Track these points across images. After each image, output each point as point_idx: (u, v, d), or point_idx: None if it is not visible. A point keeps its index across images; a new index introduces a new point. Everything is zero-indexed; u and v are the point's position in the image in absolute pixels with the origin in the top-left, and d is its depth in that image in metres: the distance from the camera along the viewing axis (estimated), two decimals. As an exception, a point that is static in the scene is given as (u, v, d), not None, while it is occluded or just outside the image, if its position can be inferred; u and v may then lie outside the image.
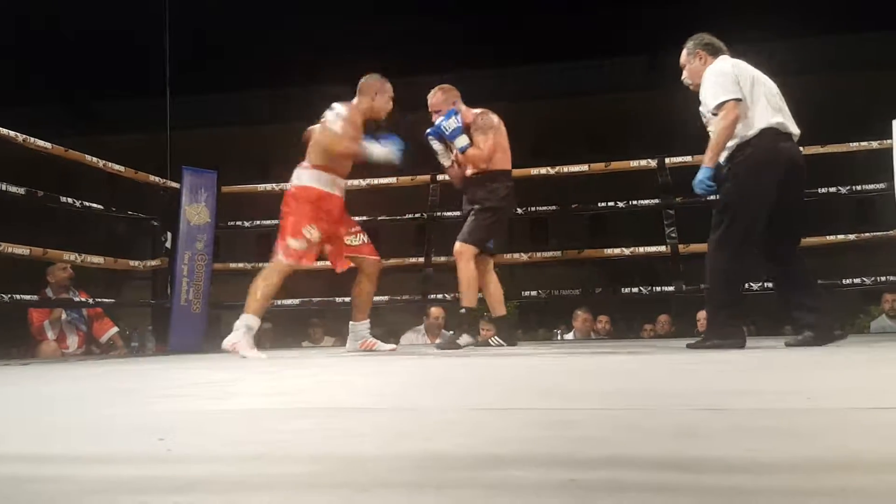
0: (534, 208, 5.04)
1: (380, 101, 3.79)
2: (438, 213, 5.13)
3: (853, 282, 4.59)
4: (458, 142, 3.92)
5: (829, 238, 4.62)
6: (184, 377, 2.66)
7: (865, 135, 4.76)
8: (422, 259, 5.10)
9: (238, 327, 3.53)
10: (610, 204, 5.24)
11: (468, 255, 3.91)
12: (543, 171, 5.05)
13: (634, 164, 4.98)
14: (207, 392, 2.04)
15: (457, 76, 3.95)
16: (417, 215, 5.27)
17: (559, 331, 7.36)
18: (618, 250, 5.17)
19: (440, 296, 5.29)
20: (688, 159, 4.84)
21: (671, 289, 4.79)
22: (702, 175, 3.20)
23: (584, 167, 5.23)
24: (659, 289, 4.92)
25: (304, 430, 1.27)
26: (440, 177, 5.07)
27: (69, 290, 5.35)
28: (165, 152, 5.95)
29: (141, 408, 1.71)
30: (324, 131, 3.72)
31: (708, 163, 3.20)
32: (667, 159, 4.84)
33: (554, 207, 5.19)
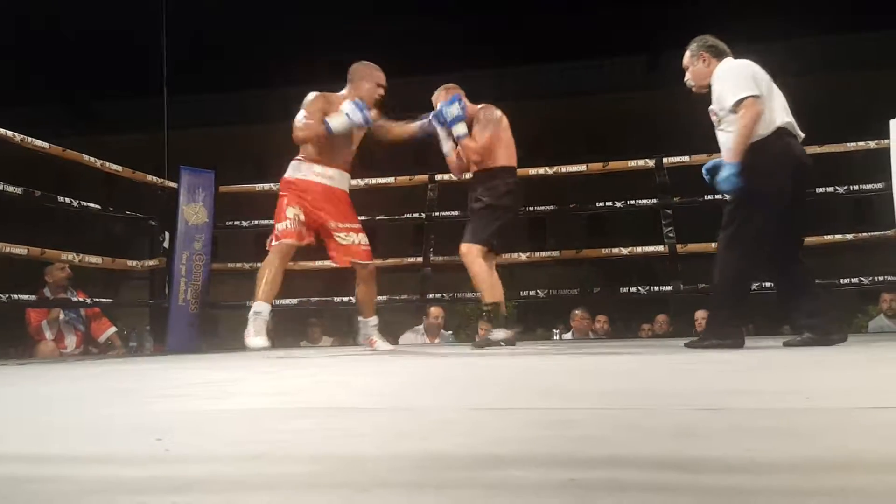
0: (532, 208, 5.04)
1: (364, 88, 3.78)
2: (437, 213, 5.13)
3: (851, 281, 4.60)
4: (456, 129, 3.86)
5: (826, 238, 4.62)
6: (182, 377, 2.66)
7: (863, 135, 4.77)
8: (420, 259, 5.10)
9: (249, 316, 3.60)
10: (608, 204, 5.24)
11: (474, 254, 3.82)
12: (542, 170, 5.05)
13: (632, 164, 4.99)
14: (206, 392, 2.04)
15: (457, 76, 3.94)
16: (416, 215, 5.27)
17: (557, 330, 7.36)
18: (616, 250, 5.17)
19: (439, 295, 5.29)
20: (685, 159, 4.85)
21: (669, 288, 4.79)
22: (729, 171, 3.12)
23: (583, 167, 5.23)
24: (657, 288, 4.92)
25: (303, 430, 1.26)
26: (439, 176, 5.07)
27: (67, 289, 5.34)
28: (163, 152, 5.95)
29: (139, 408, 1.71)
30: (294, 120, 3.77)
31: (733, 159, 3.13)
32: (665, 159, 4.84)
33: (552, 207, 5.19)
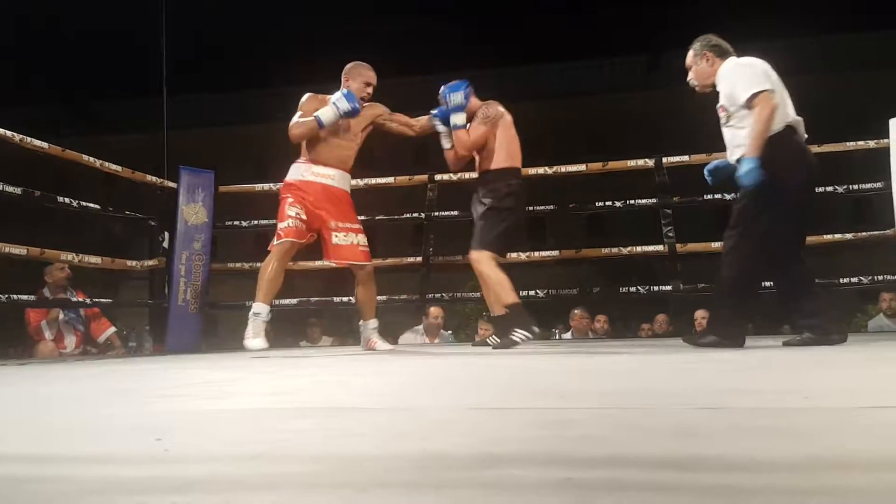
0: (531, 208, 5.03)
1: (353, 87, 3.85)
2: (436, 213, 5.12)
3: (850, 281, 4.60)
4: (454, 117, 3.82)
5: (826, 237, 4.62)
6: (181, 377, 2.66)
7: (863, 134, 4.77)
8: (420, 259, 5.10)
9: (249, 317, 3.69)
10: (608, 203, 5.24)
11: (485, 259, 3.77)
12: (541, 170, 5.05)
13: (632, 163, 4.98)
14: (205, 392, 2.04)
15: (457, 76, 3.91)
16: (415, 215, 5.27)
17: (557, 330, 7.36)
18: (615, 250, 5.17)
19: (438, 295, 5.29)
20: (685, 159, 4.84)
21: (669, 288, 4.79)
22: (750, 165, 3.07)
23: (582, 167, 5.22)
24: (656, 288, 4.92)
25: (302, 429, 1.26)
26: (438, 176, 5.07)
27: (66, 290, 5.34)
28: (163, 152, 5.95)
29: (138, 408, 1.71)
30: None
31: (753, 153, 3.09)
32: (664, 159, 4.83)
33: (552, 207, 5.19)
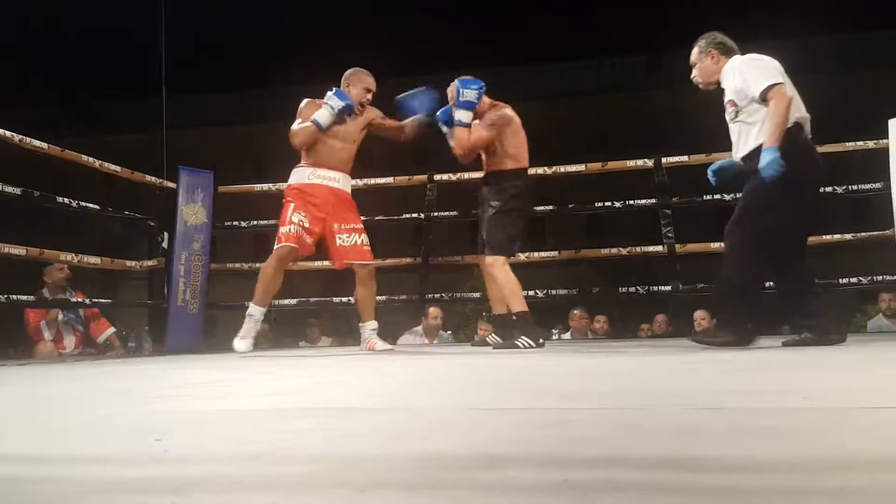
0: (531, 208, 5.03)
1: (353, 92, 3.91)
2: (436, 214, 5.12)
3: (850, 281, 4.60)
4: (459, 113, 3.77)
5: (825, 238, 4.61)
6: (181, 377, 2.66)
7: (862, 134, 4.77)
8: (419, 259, 5.10)
9: (245, 317, 3.84)
10: (607, 204, 5.24)
11: (500, 264, 3.75)
12: (540, 171, 5.04)
13: (631, 164, 4.98)
14: (205, 392, 2.04)
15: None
16: (415, 215, 5.27)
17: (556, 330, 7.36)
18: (615, 250, 5.17)
19: (438, 295, 5.29)
20: (684, 159, 4.84)
21: (668, 289, 4.79)
22: (771, 156, 3.02)
23: (581, 167, 5.22)
24: (656, 288, 4.92)
25: (302, 430, 1.26)
26: (437, 177, 5.07)
27: (66, 290, 5.34)
28: (162, 152, 5.94)
29: (138, 408, 1.71)
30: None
31: (774, 143, 3.04)
32: (664, 159, 4.83)
33: (551, 207, 5.19)
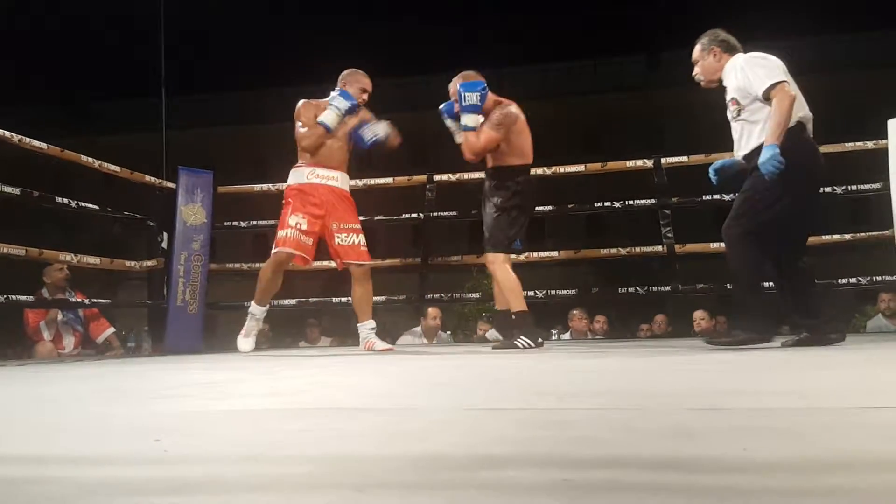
0: (533, 206, 5.02)
1: (350, 93, 3.93)
2: (435, 214, 5.13)
3: (849, 281, 4.60)
4: (465, 118, 3.74)
5: (824, 238, 4.62)
6: (180, 378, 2.66)
7: (861, 135, 4.77)
8: (418, 259, 5.10)
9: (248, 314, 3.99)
10: (606, 204, 5.24)
11: (500, 262, 3.74)
12: (540, 171, 5.04)
13: (630, 164, 4.98)
14: (204, 392, 2.04)
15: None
16: (414, 215, 5.27)
17: (555, 331, 7.36)
18: (614, 250, 5.17)
19: (437, 296, 5.29)
20: (684, 159, 4.85)
21: (667, 289, 4.80)
22: (771, 153, 3.01)
23: (581, 167, 5.22)
24: (655, 289, 4.92)
25: (301, 430, 1.27)
26: (437, 177, 5.07)
27: (65, 290, 5.33)
28: (161, 152, 5.94)
29: (138, 408, 1.71)
30: (295, 132, 4.00)
31: (775, 140, 3.03)
32: (663, 160, 4.83)
33: (550, 208, 5.19)
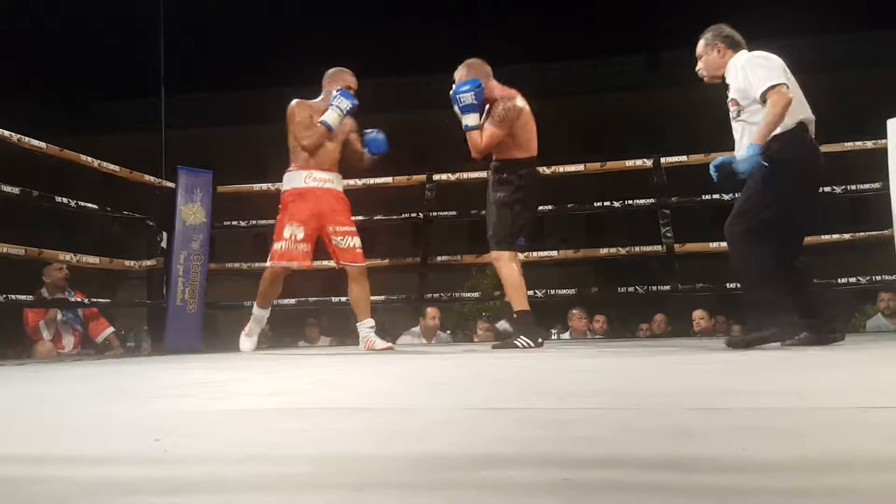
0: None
1: (333, 92, 3.95)
2: (435, 213, 5.12)
3: (848, 281, 4.60)
4: (465, 118, 3.72)
5: (824, 237, 4.62)
6: (180, 377, 2.66)
7: (861, 134, 4.77)
8: (418, 259, 5.10)
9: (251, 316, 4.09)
10: (606, 204, 5.24)
11: (505, 260, 3.71)
12: (539, 170, 5.04)
13: (630, 163, 4.98)
14: (204, 392, 2.04)
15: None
16: (413, 215, 5.27)
17: (555, 330, 7.36)
18: (614, 250, 5.17)
19: (436, 295, 5.29)
20: (683, 159, 4.85)
21: (667, 288, 4.80)
22: (751, 153, 3.00)
23: (580, 167, 5.22)
24: (655, 288, 4.92)
25: (301, 430, 1.27)
26: (436, 176, 5.07)
27: (65, 290, 5.33)
28: (161, 152, 5.94)
29: (137, 408, 1.71)
30: (291, 138, 3.99)
31: (760, 141, 3.02)
32: (662, 159, 4.83)
33: (550, 207, 5.19)
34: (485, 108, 3.78)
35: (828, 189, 4.60)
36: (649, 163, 4.86)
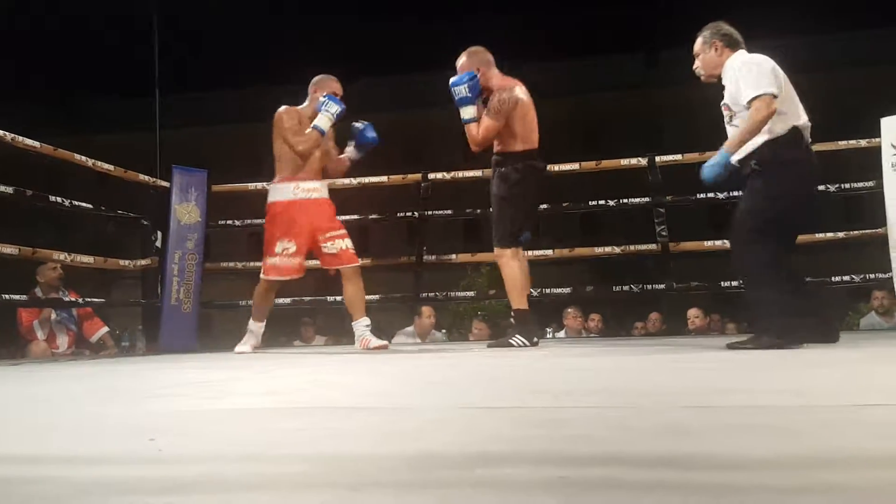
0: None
1: (321, 99, 3.95)
2: (429, 212, 5.12)
3: (842, 279, 4.62)
4: (463, 112, 3.71)
5: (818, 236, 4.63)
6: (175, 377, 2.65)
7: (854, 133, 4.78)
8: (413, 258, 5.09)
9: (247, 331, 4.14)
10: (601, 202, 5.24)
11: (507, 257, 3.68)
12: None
13: (625, 162, 4.99)
14: (199, 392, 2.04)
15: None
16: (409, 214, 5.26)
17: (550, 329, 7.37)
18: (609, 249, 5.18)
19: (432, 294, 5.28)
20: (678, 158, 4.85)
21: (662, 287, 4.80)
22: (716, 160, 3.01)
23: (576, 165, 5.22)
24: (650, 287, 4.93)
25: (296, 429, 1.27)
26: (431, 175, 5.06)
27: (59, 289, 5.32)
28: (155, 151, 5.93)
29: (132, 408, 1.71)
30: (278, 145, 3.99)
31: (730, 149, 3.02)
32: (657, 158, 4.84)
33: (545, 206, 5.19)
34: (486, 99, 3.75)
35: (822, 187, 4.61)
36: (644, 161, 4.87)
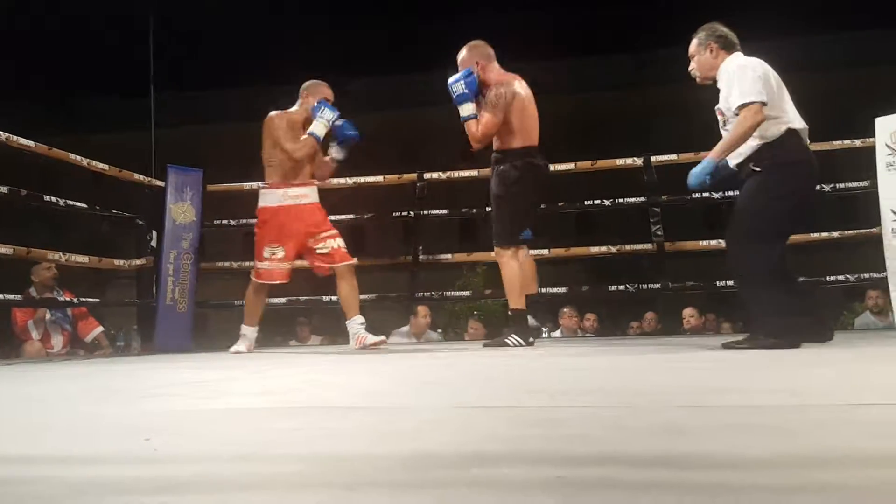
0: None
1: (311, 103, 3.98)
2: (425, 212, 5.12)
3: (837, 279, 4.63)
4: (461, 109, 3.69)
5: (812, 235, 4.64)
6: (170, 377, 2.65)
7: (849, 133, 4.79)
8: (409, 257, 5.09)
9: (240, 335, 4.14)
10: (596, 202, 5.25)
11: (507, 257, 3.68)
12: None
13: (620, 162, 4.99)
14: (194, 392, 2.03)
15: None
16: (404, 213, 5.26)
17: (546, 329, 7.38)
18: (604, 248, 5.18)
19: (427, 294, 5.28)
20: (673, 158, 4.86)
21: (657, 286, 4.81)
22: (702, 167, 3.01)
23: (571, 165, 5.22)
24: (645, 286, 4.94)
25: (292, 429, 1.26)
26: (427, 175, 5.06)
27: (53, 289, 5.31)
28: (150, 150, 5.91)
29: (127, 408, 1.70)
30: (268, 149, 3.99)
31: (714, 156, 3.03)
32: (652, 157, 4.85)
33: (541, 206, 5.19)
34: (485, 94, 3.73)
35: (817, 188, 4.62)
36: (639, 161, 4.87)
